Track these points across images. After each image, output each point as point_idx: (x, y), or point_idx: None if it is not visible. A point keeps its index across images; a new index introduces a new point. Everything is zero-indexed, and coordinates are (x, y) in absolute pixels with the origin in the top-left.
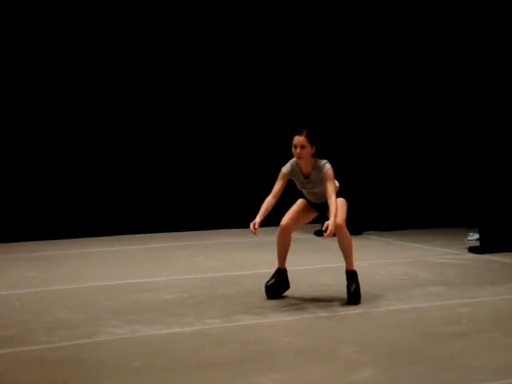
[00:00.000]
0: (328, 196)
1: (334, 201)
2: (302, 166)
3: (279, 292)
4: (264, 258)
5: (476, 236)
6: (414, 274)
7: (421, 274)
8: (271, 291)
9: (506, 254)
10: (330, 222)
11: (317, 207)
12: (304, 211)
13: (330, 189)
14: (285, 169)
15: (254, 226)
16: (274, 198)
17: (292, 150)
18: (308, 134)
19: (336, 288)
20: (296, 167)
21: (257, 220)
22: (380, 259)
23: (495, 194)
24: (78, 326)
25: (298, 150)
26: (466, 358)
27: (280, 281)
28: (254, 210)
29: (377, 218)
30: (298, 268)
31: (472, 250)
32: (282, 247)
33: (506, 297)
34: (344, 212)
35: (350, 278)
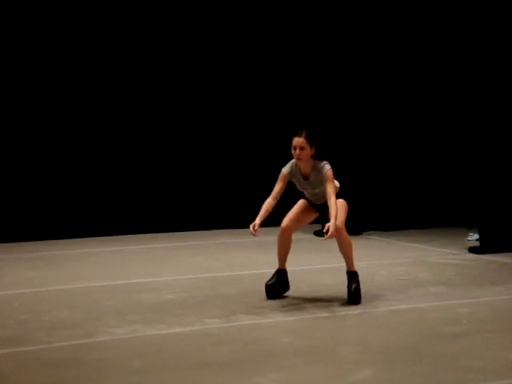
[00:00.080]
0: (328, 197)
1: (333, 202)
2: (302, 167)
3: (279, 292)
4: (264, 258)
5: (476, 236)
6: (414, 274)
7: (421, 274)
8: (271, 291)
9: (506, 254)
10: (331, 224)
11: (317, 208)
12: (305, 212)
13: (330, 190)
14: (284, 170)
15: (254, 227)
16: (273, 199)
17: (291, 151)
18: (307, 136)
19: (336, 288)
20: (295, 168)
21: (256, 221)
22: (380, 259)
23: (495, 194)
24: (77, 326)
25: (298, 151)
26: (465, 358)
27: (280, 281)
28: (255, 211)
29: (377, 218)
30: (298, 268)
31: (472, 250)
32: (283, 248)
33: (505, 297)
34: (343, 214)
35: (351, 278)
